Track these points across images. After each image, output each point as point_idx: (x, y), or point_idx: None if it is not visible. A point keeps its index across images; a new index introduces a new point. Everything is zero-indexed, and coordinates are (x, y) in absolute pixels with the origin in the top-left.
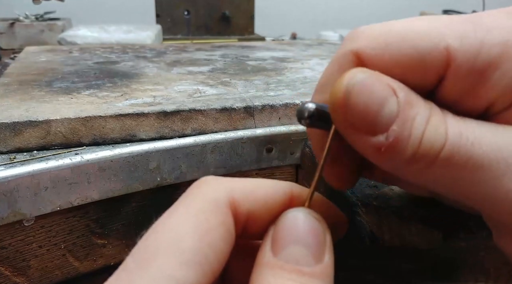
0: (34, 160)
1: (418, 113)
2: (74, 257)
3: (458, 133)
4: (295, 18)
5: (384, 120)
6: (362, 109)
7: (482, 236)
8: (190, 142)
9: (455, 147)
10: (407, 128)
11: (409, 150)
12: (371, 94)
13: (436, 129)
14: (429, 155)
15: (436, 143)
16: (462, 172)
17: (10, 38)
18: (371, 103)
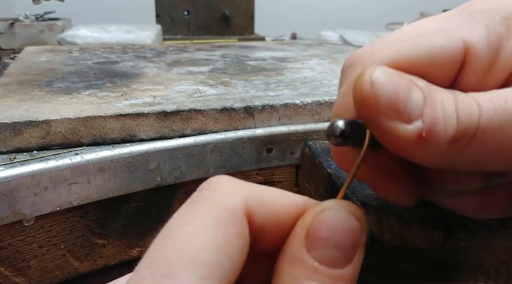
0: (34, 160)
1: (443, 96)
2: (74, 257)
3: (489, 100)
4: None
5: (415, 106)
6: (392, 97)
7: (482, 236)
8: (190, 142)
9: (491, 112)
10: (438, 108)
11: (450, 128)
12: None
13: (466, 102)
14: (470, 127)
15: (473, 114)
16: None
17: (10, 38)
18: (399, 91)
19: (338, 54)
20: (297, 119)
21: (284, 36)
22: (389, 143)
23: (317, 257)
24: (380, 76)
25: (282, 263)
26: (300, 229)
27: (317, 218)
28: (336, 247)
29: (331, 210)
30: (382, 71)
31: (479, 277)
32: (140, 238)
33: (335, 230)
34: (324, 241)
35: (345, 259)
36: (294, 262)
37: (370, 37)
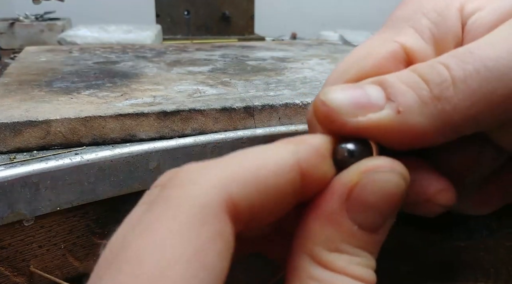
0: (34, 160)
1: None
2: (74, 257)
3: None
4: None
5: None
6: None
7: (482, 236)
8: (190, 142)
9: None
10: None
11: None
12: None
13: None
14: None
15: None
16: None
17: (10, 38)
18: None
19: (338, 54)
20: (297, 119)
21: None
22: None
23: (357, 220)
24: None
25: (315, 221)
26: (340, 188)
27: (364, 179)
28: (378, 212)
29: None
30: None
31: (479, 277)
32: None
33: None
34: (368, 206)
35: (381, 224)
36: (330, 222)
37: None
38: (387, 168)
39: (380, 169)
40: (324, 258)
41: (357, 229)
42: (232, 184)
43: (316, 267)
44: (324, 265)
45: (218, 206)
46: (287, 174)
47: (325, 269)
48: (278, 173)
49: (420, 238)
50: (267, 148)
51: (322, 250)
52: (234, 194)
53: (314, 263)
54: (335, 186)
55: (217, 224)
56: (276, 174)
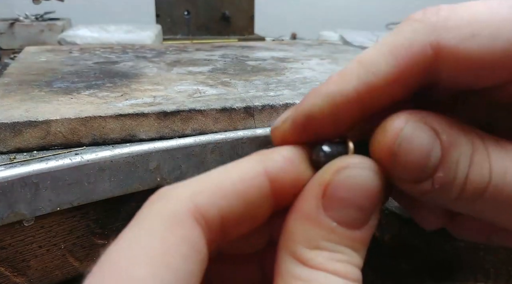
0: (34, 160)
1: (461, 154)
2: (74, 257)
3: (503, 172)
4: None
5: (430, 169)
6: (410, 166)
7: None
8: (190, 142)
9: (498, 186)
10: (451, 172)
11: (455, 192)
12: (417, 149)
13: (480, 168)
14: (474, 195)
15: (481, 184)
16: (506, 208)
17: (10, 38)
18: (419, 158)
19: (338, 54)
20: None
21: (284, 36)
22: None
23: (335, 217)
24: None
25: (294, 222)
26: (315, 187)
27: (337, 176)
28: (356, 208)
29: (355, 168)
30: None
31: (479, 277)
32: None
33: (356, 190)
34: (344, 202)
35: (363, 220)
36: (309, 222)
37: (370, 37)
38: (358, 164)
39: (351, 166)
40: (304, 256)
41: (336, 226)
42: (198, 196)
43: (297, 264)
44: (304, 262)
45: (185, 215)
46: (253, 181)
47: (305, 266)
48: (243, 181)
49: (420, 237)
50: (237, 161)
51: (303, 248)
52: (200, 204)
53: (295, 261)
54: (311, 186)
55: (183, 230)
56: (242, 182)
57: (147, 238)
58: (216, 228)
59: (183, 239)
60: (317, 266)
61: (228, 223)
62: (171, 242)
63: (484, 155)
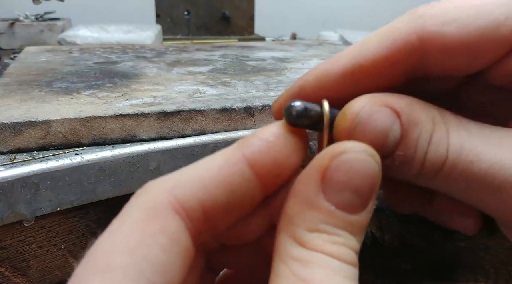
0: (34, 161)
1: (421, 132)
2: (74, 258)
3: (458, 151)
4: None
5: (389, 148)
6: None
7: (481, 236)
8: (190, 142)
9: (453, 165)
10: (411, 150)
11: (415, 169)
12: (376, 128)
13: (437, 147)
14: (432, 172)
15: (438, 161)
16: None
17: (10, 38)
18: (376, 137)
19: None
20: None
21: (284, 36)
22: None
23: (334, 201)
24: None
25: (293, 206)
26: (314, 172)
27: (335, 161)
28: (354, 191)
29: (351, 152)
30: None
31: (479, 277)
32: None
33: (355, 174)
34: (342, 185)
35: (361, 205)
36: (308, 205)
37: None
38: (354, 148)
39: (347, 150)
40: (303, 238)
41: (335, 210)
42: (176, 188)
43: (295, 246)
44: (303, 244)
45: (164, 207)
46: (231, 168)
47: (303, 247)
48: (222, 169)
49: (420, 237)
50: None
51: (303, 230)
52: (180, 195)
53: (294, 242)
54: (310, 171)
55: (162, 222)
56: (220, 171)
57: (127, 229)
58: (199, 219)
59: (161, 230)
60: (315, 247)
61: (212, 213)
62: (149, 233)
63: (443, 133)
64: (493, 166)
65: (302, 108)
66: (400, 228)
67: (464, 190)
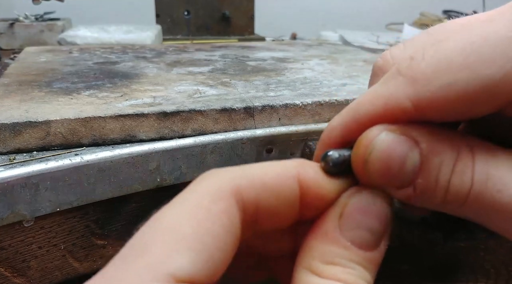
0: (34, 161)
1: (443, 161)
2: (74, 258)
3: (484, 179)
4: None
5: (408, 175)
6: (382, 173)
7: (482, 237)
8: (190, 142)
9: (480, 194)
10: (432, 179)
11: (437, 199)
12: (390, 156)
13: (461, 176)
14: (456, 201)
15: (462, 191)
16: (490, 213)
17: (10, 38)
18: (392, 164)
19: (338, 55)
20: (297, 120)
21: (284, 36)
22: None
23: (350, 237)
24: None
25: (314, 239)
26: (334, 209)
27: (352, 199)
28: (368, 229)
29: (366, 193)
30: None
31: (479, 277)
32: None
33: (369, 213)
34: (358, 223)
35: (374, 243)
36: (327, 240)
37: (370, 37)
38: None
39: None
40: (319, 269)
41: (350, 245)
42: (240, 179)
43: (311, 276)
44: (318, 274)
45: (227, 192)
46: (286, 180)
47: (319, 276)
48: (279, 178)
49: (421, 238)
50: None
51: (318, 262)
52: (242, 186)
53: (310, 273)
54: (331, 208)
55: (225, 204)
56: (277, 178)
57: (194, 206)
58: (250, 212)
59: (224, 212)
60: (330, 276)
61: (260, 212)
62: (214, 211)
63: (468, 162)
64: None
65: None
66: (401, 229)
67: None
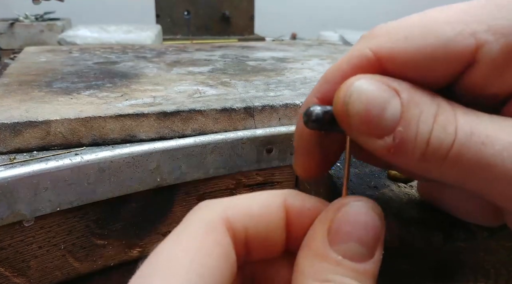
0: (34, 161)
1: (423, 112)
2: (74, 258)
3: (469, 132)
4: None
5: (388, 123)
6: (363, 115)
7: (482, 237)
8: (190, 142)
9: (464, 147)
10: (413, 128)
11: (418, 150)
12: (371, 100)
13: (444, 127)
14: (438, 154)
15: (445, 143)
16: (473, 170)
17: (10, 38)
18: (372, 109)
19: (338, 54)
20: (297, 120)
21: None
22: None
23: (341, 251)
24: (354, 92)
25: (304, 258)
26: (321, 224)
27: (338, 214)
28: (358, 241)
29: (352, 205)
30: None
31: (479, 278)
32: (140, 238)
33: (357, 224)
34: (347, 236)
35: (367, 254)
36: (317, 257)
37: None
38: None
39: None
40: None
41: (342, 259)
42: (229, 210)
43: None
44: None
45: (219, 223)
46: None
47: None
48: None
49: (420, 238)
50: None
51: (312, 282)
52: (230, 216)
53: None
54: (317, 225)
55: (217, 234)
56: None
57: (189, 238)
58: (241, 241)
59: (217, 242)
60: None
61: (249, 240)
62: (208, 243)
63: (450, 115)
64: (508, 148)
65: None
66: (400, 229)
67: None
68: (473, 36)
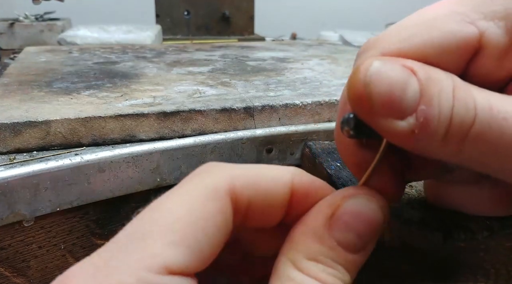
0: (34, 161)
1: (442, 88)
2: (74, 258)
3: (488, 107)
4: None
5: (410, 102)
6: (386, 96)
7: (482, 237)
8: (190, 142)
9: (485, 123)
10: (435, 105)
11: (441, 129)
12: (391, 80)
13: (464, 103)
14: (461, 132)
15: (466, 118)
16: (496, 147)
17: (10, 38)
18: (394, 88)
19: (338, 54)
20: (297, 120)
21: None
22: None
23: (337, 238)
24: (374, 73)
25: (301, 233)
26: (325, 207)
27: (347, 201)
28: (356, 233)
29: (362, 199)
30: (377, 67)
31: (479, 278)
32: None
33: (361, 218)
34: (348, 226)
35: (361, 246)
36: (314, 236)
37: (370, 37)
38: (366, 195)
39: (360, 195)
40: (302, 264)
41: (336, 246)
42: (236, 179)
43: (293, 269)
44: (300, 269)
45: (223, 191)
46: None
47: (301, 272)
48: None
49: (421, 238)
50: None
51: (302, 257)
52: (237, 186)
53: (292, 266)
54: (323, 205)
55: (221, 203)
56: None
57: (192, 202)
58: (242, 211)
59: (219, 211)
60: (311, 274)
61: (250, 211)
62: (209, 211)
63: (467, 91)
64: None
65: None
66: (400, 229)
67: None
68: (473, 24)
